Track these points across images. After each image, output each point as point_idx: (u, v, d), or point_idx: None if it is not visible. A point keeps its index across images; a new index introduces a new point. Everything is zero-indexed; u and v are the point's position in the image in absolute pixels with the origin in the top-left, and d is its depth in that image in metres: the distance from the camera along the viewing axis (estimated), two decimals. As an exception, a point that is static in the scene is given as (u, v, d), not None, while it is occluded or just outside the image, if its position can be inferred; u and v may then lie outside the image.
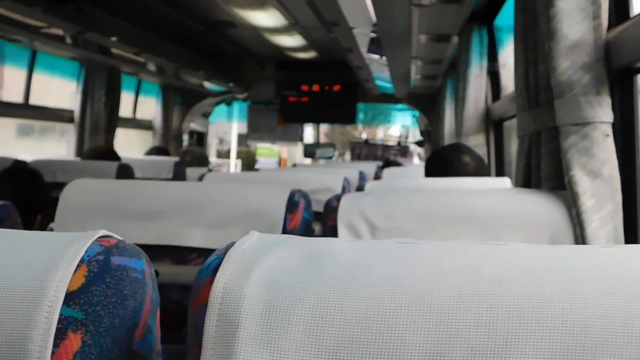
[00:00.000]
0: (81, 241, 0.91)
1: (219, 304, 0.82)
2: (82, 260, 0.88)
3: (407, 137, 17.77)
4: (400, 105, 12.57)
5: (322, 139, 15.15)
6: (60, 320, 0.84)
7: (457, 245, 0.87)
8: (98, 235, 0.93)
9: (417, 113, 12.91)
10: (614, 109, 2.08)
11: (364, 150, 14.46)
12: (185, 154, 7.82)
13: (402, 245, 0.88)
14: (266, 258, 0.86)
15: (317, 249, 0.87)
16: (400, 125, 17.16)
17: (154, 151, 8.06)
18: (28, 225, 2.84)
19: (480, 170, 3.05)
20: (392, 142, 15.95)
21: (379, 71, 8.59)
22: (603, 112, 2.05)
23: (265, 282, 0.83)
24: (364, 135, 18.20)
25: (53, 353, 0.83)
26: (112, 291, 0.89)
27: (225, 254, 0.89)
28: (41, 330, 0.82)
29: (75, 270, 0.87)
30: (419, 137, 13.69)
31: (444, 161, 3.08)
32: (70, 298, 0.86)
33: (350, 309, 0.79)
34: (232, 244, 0.90)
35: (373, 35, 5.98)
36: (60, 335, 0.84)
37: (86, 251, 0.89)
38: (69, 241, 0.91)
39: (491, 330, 0.76)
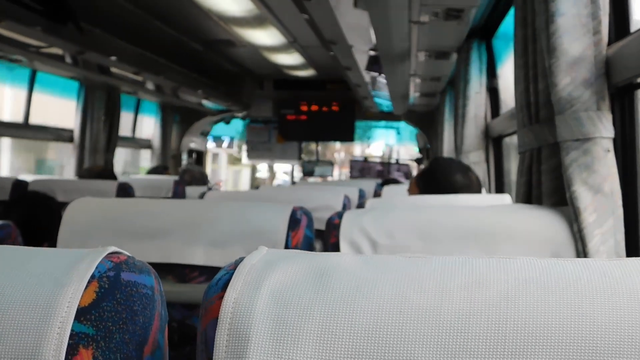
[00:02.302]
0: (92, 257, 0.91)
1: (230, 319, 0.83)
2: (93, 276, 0.88)
3: (390, 155, 17.46)
4: (382, 121, 12.43)
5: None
6: (71, 336, 0.84)
7: (464, 260, 0.87)
8: (108, 252, 0.94)
9: (401, 129, 12.83)
10: (614, 124, 2.09)
11: (363, 169, 14.45)
12: (185, 173, 7.82)
13: (409, 260, 0.89)
14: (275, 273, 0.86)
15: (325, 264, 0.87)
16: (383, 143, 16.66)
17: (157, 170, 8.06)
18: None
19: (472, 183, 3.04)
20: (392, 161, 15.86)
21: (379, 89, 8.62)
22: (604, 128, 2.06)
23: (274, 297, 0.83)
24: (341, 154, 17.47)
25: None
26: (122, 307, 0.89)
27: (234, 269, 0.89)
28: (53, 346, 0.82)
29: (87, 286, 0.87)
30: (417, 155, 13.65)
31: (433, 177, 3.07)
32: (81, 314, 0.86)
33: (359, 324, 0.80)
34: (242, 259, 0.91)
35: (372, 53, 6.00)
36: (71, 351, 0.84)
37: (97, 267, 0.90)
38: (79, 257, 0.91)
39: (500, 345, 0.76)
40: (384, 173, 13.61)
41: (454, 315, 0.79)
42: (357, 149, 20.35)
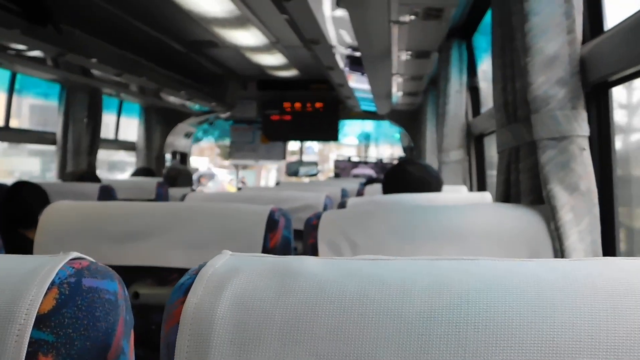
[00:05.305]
0: (52, 263, 0.90)
1: (190, 324, 0.82)
2: (52, 283, 0.88)
3: (367, 151, 16.79)
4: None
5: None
6: (30, 344, 0.83)
7: (426, 261, 0.87)
8: (70, 258, 0.93)
9: (380, 122, 12.65)
10: (590, 122, 2.09)
11: (347, 169, 14.41)
12: (171, 170, 7.79)
13: (372, 262, 0.89)
14: (237, 277, 0.86)
15: (287, 268, 0.87)
16: (355, 138, 15.76)
17: (141, 172, 8.02)
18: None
19: (429, 177, 3.05)
20: (373, 160, 15.65)
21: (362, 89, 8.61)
22: (579, 126, 2.06)
23: (236, 301, 0.83)
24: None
25: None
26: (83, 313, 0.89)
27: (197, 273, 0.88)
28: (10, 354, 0.81)
29: (46, 293, 0.86)
30: (400, 154, 13.54)
31: (391, 175, 3.11)
32: (40, 321, 0.85)
33: (321, 327, 0.79)
34: (204, 264, 0.90)
35: (354, 53, 6.00)
36: (30, 359, 0.83)
37: (57, 274, 0.89)
38: (40, 264, 0.90)
39: (460, 346, 0.76)
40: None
41: (415, 317, 0.78)
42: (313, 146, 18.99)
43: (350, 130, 13.75)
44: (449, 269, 0.84)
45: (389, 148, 16.53)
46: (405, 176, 3.01)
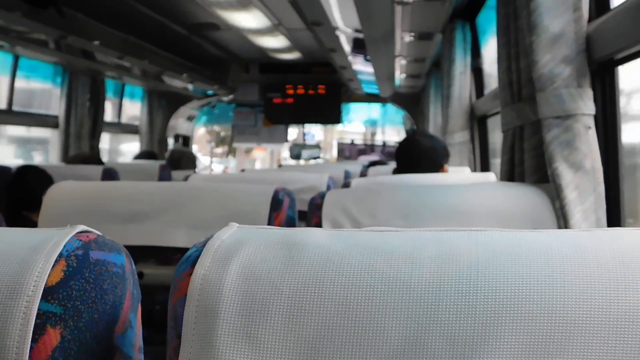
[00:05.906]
0: (59, 236, 0.90)
1: (198, 295, 0.82)
2: (60, 255, 0.87)
3: (374, 134, 16.71)
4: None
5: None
6: (38, 315, 0.83)
7: (434, 232, 0.87)
8: (77, 231, 0.92)
9: (387, 105, 12.60)
10: (595, 101, 2.09)
11: (352, 152, 14.39)
12: (175, 152, 7.79)
13: (379, 234, 0.88)
14: (245, 249, 0.85)
15: (295, 239, 0.86)
16: (361, 122, 15.60)
17: (144, 155, 8.02)
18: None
19: (437, 147, 3.10)
20: (380, 143, 15.63)
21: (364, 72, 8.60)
22: (585, 105, 2.06)
23: (243, 272, 0.82)
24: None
25: (32, 348, 0.82)
26: (91, 286, 0.88)
27: (204, 246, 0.88)
28: (19, 326, 0.81)
29: (54, 265, 0.86)
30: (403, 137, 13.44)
31: (401, 146, 3.17)
32: (48, 293, 0.85)
33: (329, 298, 0.79)
34: (211, 236, 0.90)
35: (357, 35, 5.98)
36: (38, 331, 0.83)
37: (65, 246, 0.88)
38: (47, 236, 0.90)
39: (469, 316, 0.76)
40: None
41: (424, 287, 0.78)
42: (316, 131, 18.78)
43: (356, 117, 13.64)
44: (457, 240, 0.84)
45: (395, 135, 16.51)
46: (416, 144, 3.07)
